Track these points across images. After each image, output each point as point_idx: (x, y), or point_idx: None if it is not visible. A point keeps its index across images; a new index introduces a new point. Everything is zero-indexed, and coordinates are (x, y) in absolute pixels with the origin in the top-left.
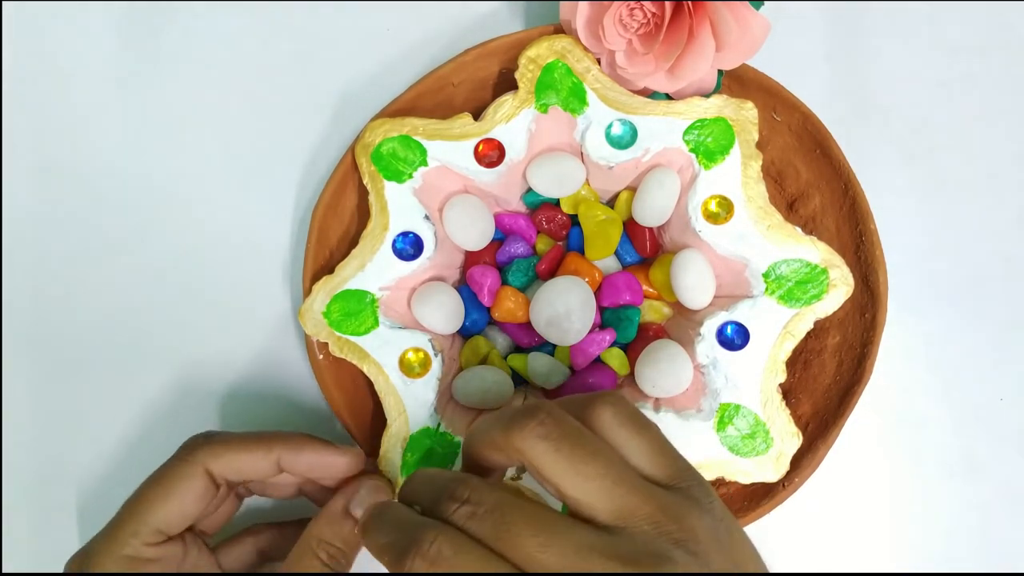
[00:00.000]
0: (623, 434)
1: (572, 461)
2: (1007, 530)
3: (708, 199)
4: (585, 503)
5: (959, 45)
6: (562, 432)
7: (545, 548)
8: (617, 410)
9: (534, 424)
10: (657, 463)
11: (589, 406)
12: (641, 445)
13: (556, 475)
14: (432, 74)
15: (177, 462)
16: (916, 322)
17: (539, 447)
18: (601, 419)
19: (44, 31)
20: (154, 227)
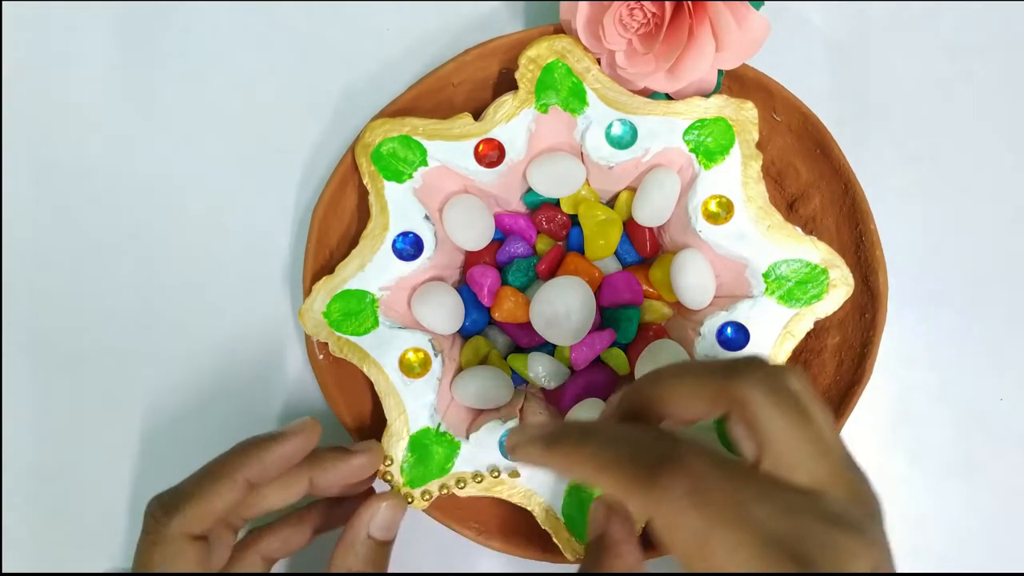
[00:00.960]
0: (778, 423)
1: (791, 421)
2: (1007, 530)
3: (708, 199)
4: (790, 464)
5: (959, 45)
6: (788, 390)
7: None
8: (804, 385)
9: (761, 375)
10: (818, 465)
11: (784, 372)
12: (827, 422)
13: (773, 431)
14: (432, 74)
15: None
16: (916, 322)
17: (763, 400)
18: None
19: (44, 31)
20: (154, 227)
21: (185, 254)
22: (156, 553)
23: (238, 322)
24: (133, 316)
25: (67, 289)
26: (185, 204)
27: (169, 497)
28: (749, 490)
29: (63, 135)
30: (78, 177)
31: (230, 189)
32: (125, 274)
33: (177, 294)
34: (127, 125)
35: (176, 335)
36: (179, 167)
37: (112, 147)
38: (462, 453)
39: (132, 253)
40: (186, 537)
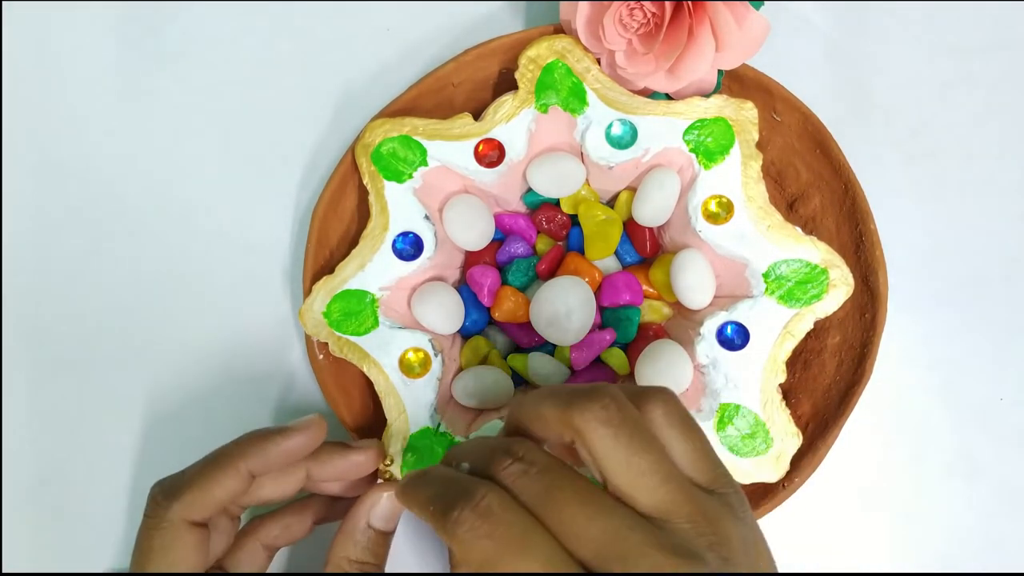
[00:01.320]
0: (672, 433)
1: (628, 451)
2: (1007, 530)
3: (708, 199)
4: (629, 493)
5: (959, 45)
6: (623, 419)
7: (591, 520)
8: (669, 408)
9: (597, 407)
10: (700, 467)
11: (642, 399)
12: (687, 447)
13: (609, 461)
14: (432, 74)
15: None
16: (916, 322)
17: (599, 431)
18: (652, 414)
19: (44, 31)
20: (154, 227)
21: (185, 254)
22: (156, 537)
23: (238, 322)
24: (133, 316)
25: (67, 289)
26: (185, 204)
27: (171, 482)
28: (568, 517)
29: (63, 135)
30: (78, 177)
31: (230, 189)
32: (125, 274)
33: (177, 294)
34: (127, 125)
35: (176, 335)
36: (179, 167)
37: (112, 147)
38: None
39: (132, 253)
40: (186, 523)
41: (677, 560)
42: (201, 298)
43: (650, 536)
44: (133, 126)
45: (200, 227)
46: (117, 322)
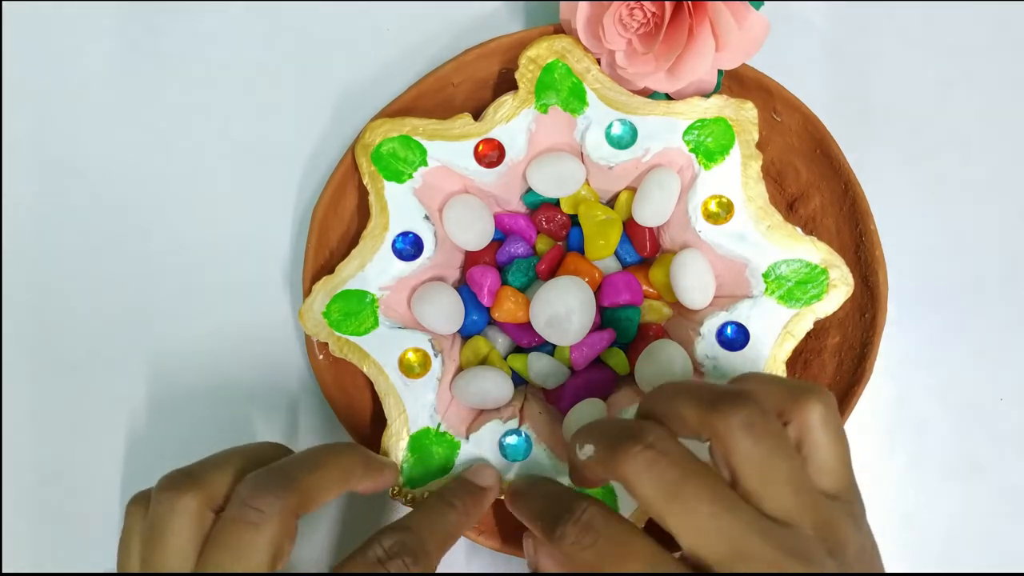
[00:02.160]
0: (825, 437)
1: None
2: (1007, 530)
3: (708, 199)
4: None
5: (959, 45)
6: (766, 429)
7: (717, 517)
8: (828, 411)
9: (743, 414)
10: (838, 475)
11: (803, 396)
12: (834, 453)
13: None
14: (432, 74)
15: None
16: (916, 322)
17: (740, 436)
18: (811, 415)
19: (44, 31)
20: (153, 227)
21: (185, 254)
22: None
23: (238, 322)
24: (133, 316)
25: (67, 289)
26: (185, 204)
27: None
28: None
29: (63, 135)
30: (78, 177)
31: (230, 189)
32: (125, 274)
33: (177, 294)
34: (127, 125)
35: (176, 335)
36: (179, 167)
37: (112, 147)
38: (462, 453)
39: (132, 253)
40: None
41: (797, 562)
42: (201, 298)
43: (774, 539)
44: (133, 126)
45: (200, 227)
46: (117, 322)
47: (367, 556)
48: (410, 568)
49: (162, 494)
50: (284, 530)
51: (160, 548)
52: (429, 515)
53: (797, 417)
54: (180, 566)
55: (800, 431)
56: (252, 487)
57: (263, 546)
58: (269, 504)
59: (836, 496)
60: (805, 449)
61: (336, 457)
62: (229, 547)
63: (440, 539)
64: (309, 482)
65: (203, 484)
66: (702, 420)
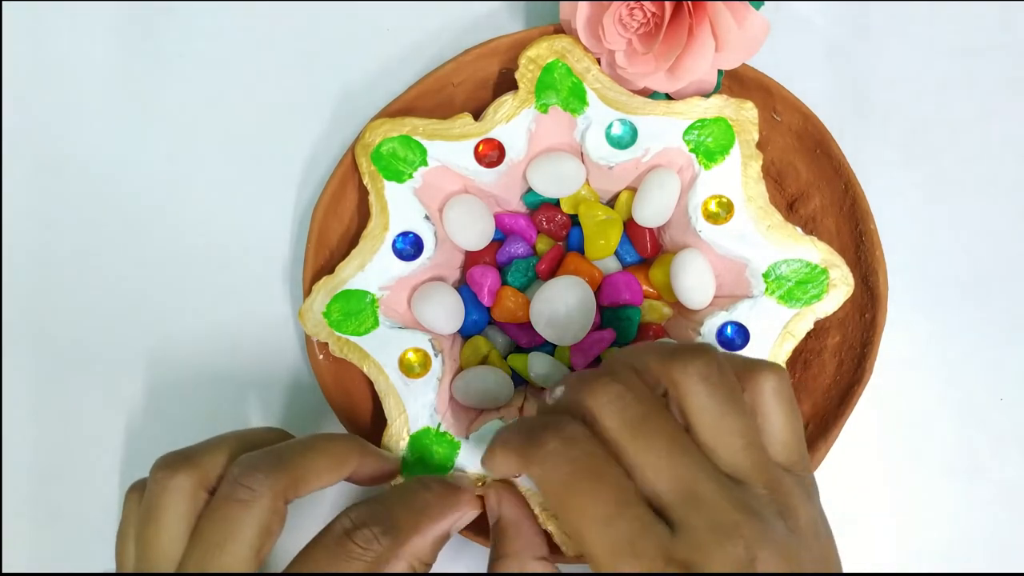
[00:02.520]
0: (776, 408)
1: (721, 410)
2: (1007, 530)
3: (708, 199)
4: (712, 448)
5: (959, 45)
6: (721, 380)
7: (674, 458)
8: (781, 384)
9: (700, 363)
10: (790, 447)
11: (755, 368)
12: (785, 424)
13: (700, 415)
14: (432, 74)
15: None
16: (916, 322)
17: (696, 385)
18: (764, 385)
19: (44, 31)
20: (153, 227)
21: (185, 254)
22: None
23: (238, 322)
24: (132, 316)
25: (66, 289)
26: (185, 204)
27: (261, 460)
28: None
29: (63, 135)
30: (77, 177)
31: (230, 189)
32: (124, 274)
33: (176, 294)
34: (127, 125)
35: (176, 335)
36: (179, 167)
37: (112, 147)
38: (462, 453)
39: (132, 253)
40: (280, 500)
41: (747, 517)
42: (201, 298)
43: (726, 489)
44: (133, 126)
45: (200, 227)
46: (117, 322)
47: (333, 529)
48: (379, 538)
49: (157, 473)
50: (273, 509)
51: (154, 525)
52: (402, 492)
53: (751, 387)
54: (173, 542)
55: (753, 402)
56: (243, 466)
57: (251, 523)
58: (258, 482)
59: (788, 468)
60: (758, 419)
61: (330, 443)
62: (218, 523)
63: (412, 515)
64: (300, 465)
65: (197, 464)
66: (661, 368)
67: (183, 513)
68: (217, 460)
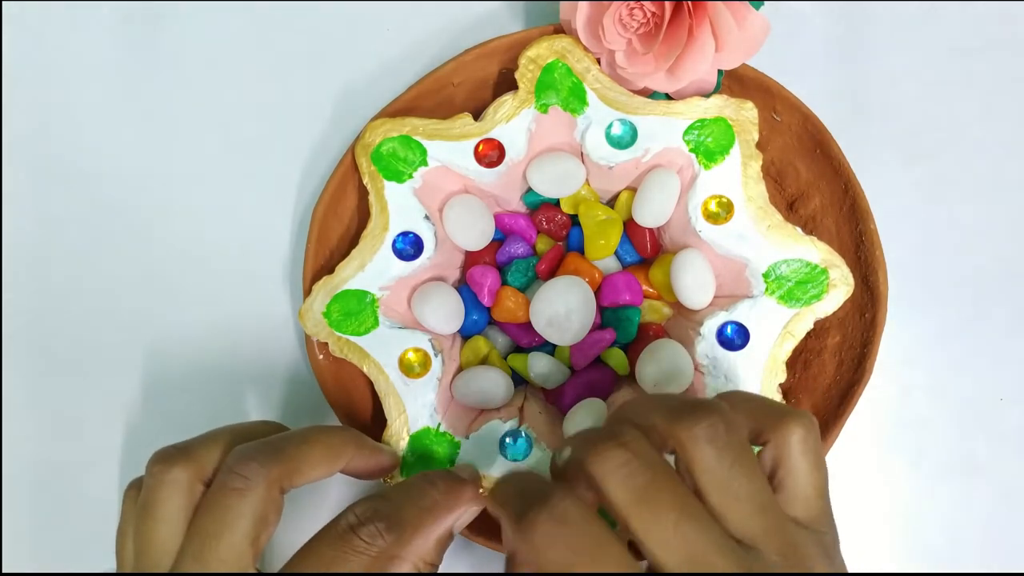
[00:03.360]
0: (802, 462)
1: (730, 474)
2: (1007, 530)
3: (708, 199)
4: (722, 514)
5: (959, 45)
6: (728, 441)
7: (681, 529)
8: (808, 436)
9: (705, 423)
10: (813, 503)
11: (782, 417)
12: (810, 480)
13: (707, 477)
14: (432, 74)
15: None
16: (916, 322)
17: (703, 449)
18: (790, 437)
19: (44, 31)
20: (154, 227)
21: (185, 254)
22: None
23: (238, 322)
24: (132, 316)
25: (67, 289)
26: (185, 204)
27: (259, 450)
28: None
29: (63, 135)
30: (78, 177)
31: (230, 189)
32: (124, 273)
33: (176, 294)
34: (127, 125)
35: (176, 335)
36: (179, 167)
37: (112, 147)
38: (462, 453)
39: (132, 253)
40: (276, 488)
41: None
42: (201, 298)
43: (737, 560)
44: (133, 126)
45: (200, 227)
46: (117, 322)
47: (338, 524)
48: (383, 534)
49: (154, 467)
50: (269, 498)
51: (151, 519)
52: (407, 488)
53: (775, 438)
54: (171, 535)
55: (777, 454)
56: (238, 456)
57: (247, 512)
58: (253, 471)
59: (807, 525)
60: (781, 473)
61: (326, 434)
62: (214, 513)
63: (417, 512)
64: (296, 455)
65: (193, 457)
66: (668, 429)
67: (180, 506)
68: (213, 453)
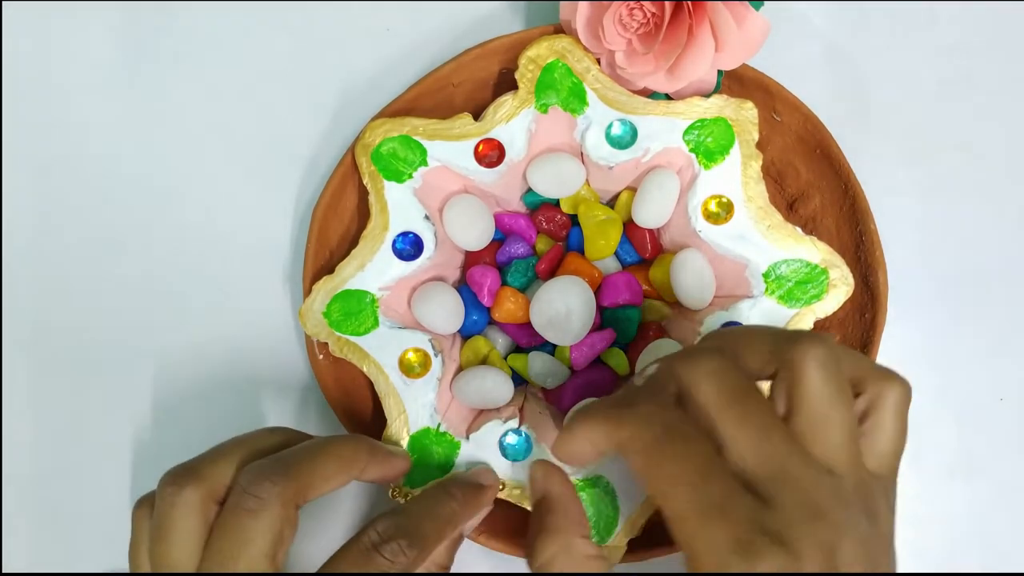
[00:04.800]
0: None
1: (831, 401)
2: (1007, 530)
3: (708, 199)
4: (810, 435)
5: (959, 45)
6: (838, 372)
7: (767, 435)
8: (905, 400)
9: (823, 349)
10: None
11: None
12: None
13: (808, 401)
14: (432, 74)
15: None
16: (916, 322)
17: (814, 371)
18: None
19: (44, 31)
20: (154, 227)
21: (185, 254)
22: (260, 520)
23: (238, 322)
24: (132, 316)
25: (67, 289)
26: (185, 204)
27: (274, 467)
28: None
29: (63, 135)
30: (78, 177)
31: (230, 189)
32: (124, 274)
33: (177, 294)
34: (127, 125)
35: (176, 335)
36: (179, 167)
37: (112, 147)
38: (462, 453)
39: (132, 253)
40: (292, 506)
41: (837, 505)
42: (201, 298)
43: (819, 475)
44: (133, 126)
45: (200, 227)
46: (117, 322)
47: (361, 542)
48: (405, 551)
49: (165, 490)
50: (284, 516)
51: (166, 541)
52: (427, 501)
53: (874, 390)
54: (186, 557)
55: (870, 405)
56: (251, 476)
57: (263, 532)
58: (267, 491)
59: (878, 477)
60: (867, 424)
61: (338, 446)
62: (230, 534)
63: (438, 525)
64: (308, 470)
65: (204, 477)
66: (778, 348)
67: (194, 527)
68: (224, 471)
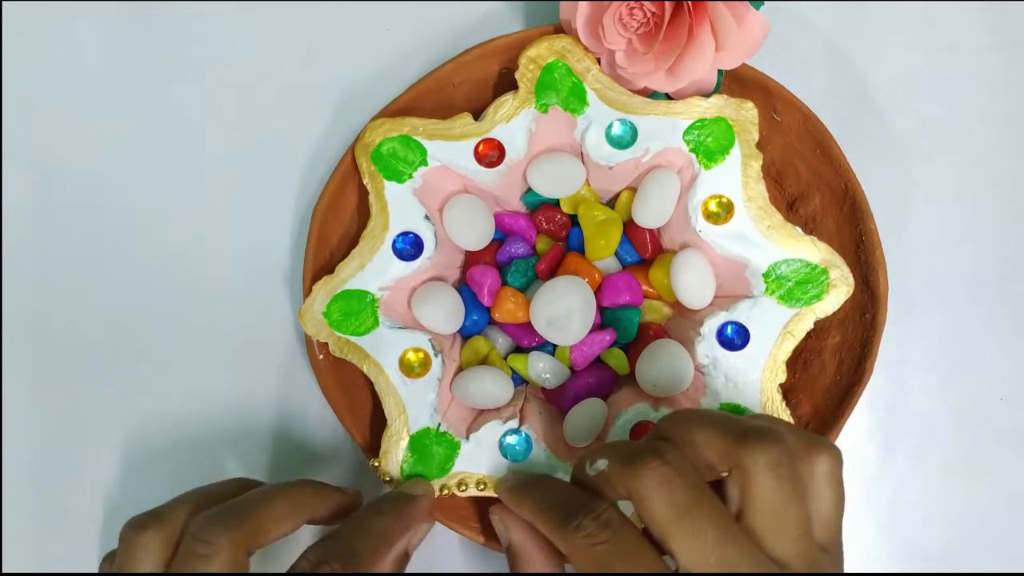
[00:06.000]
0: (826, 491)
1: (785, 502)
2: (1007, 530)
3: (708, 199)
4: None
5: (959, 45)
6: (791, 473)
7: (721, 545)
8: (834, 468)
9: (773, 453)
10: (831, 530)
11: (812, 447)
12: (831, 508)
13: (761, 504)
14: (432, 74)
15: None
16: (916, 322)
17: (765, 476)
18: (817, 467)
19: (44, 31)
20: (153, 227)
21: (185, 254)
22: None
23: (238, 322)
24: (133, 316)
25: (67, 289)
26: (185, 204)
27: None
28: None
29: (63, 135)
30: (78, 177)
31: (230, 189)
32: (125, 274)
33: (177, 294)
34: (127, 125)
35: (176, 335)
36: (179, 167)
37: (112, 147)
38: (462, 453)
39: (132, 253)
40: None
41: None
42: (201, 298)
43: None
44: (133, 127)
45: (200, 227)
46: (117, 322)
47: (294, 573)
48: (337, 571)
49: (127, 533)
50: (234, 561)
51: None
52: (355, 523)
53: (805, 465)
54: None
55: (807, 479)
56: (201, 522)
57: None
58: (216, 535)
59: (826, 549)
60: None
61: (288, 490)
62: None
63: (370, 543)
64: (258, 515)
65: (163, 521)
66: (728, 450)
67: (152, 568)
68: (181, 515)
